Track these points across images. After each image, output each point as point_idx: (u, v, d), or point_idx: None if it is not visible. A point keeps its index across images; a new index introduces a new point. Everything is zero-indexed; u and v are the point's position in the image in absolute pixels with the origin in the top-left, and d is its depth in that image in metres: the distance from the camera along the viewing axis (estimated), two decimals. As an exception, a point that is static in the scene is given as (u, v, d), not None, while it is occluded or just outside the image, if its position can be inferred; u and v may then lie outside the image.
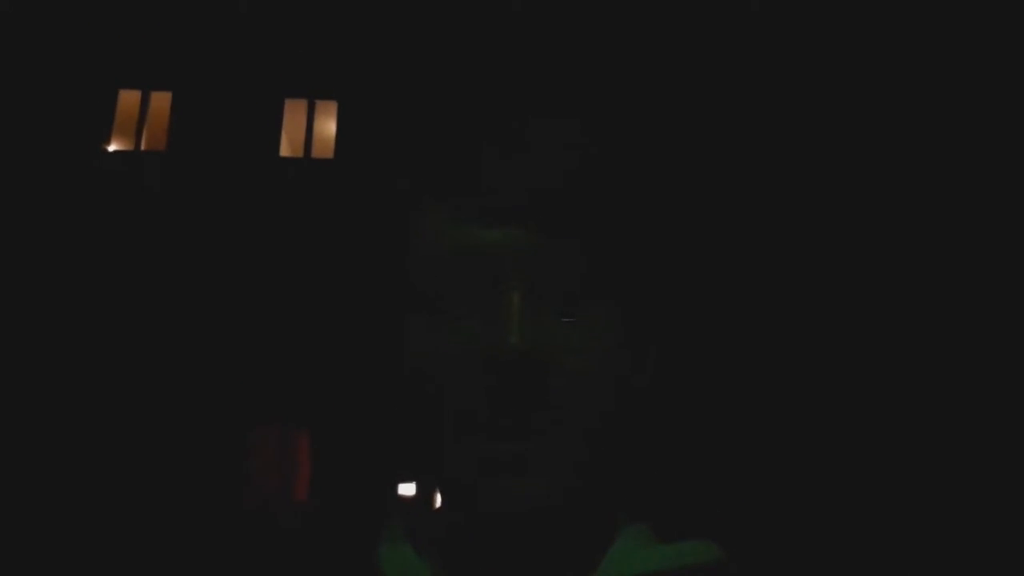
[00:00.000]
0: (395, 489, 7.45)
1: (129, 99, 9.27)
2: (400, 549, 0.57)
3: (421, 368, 0.52)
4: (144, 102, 9.30)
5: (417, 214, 0.55)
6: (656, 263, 0.57)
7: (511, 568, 0.52)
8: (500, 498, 0.49)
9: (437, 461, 0.52)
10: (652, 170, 0.58)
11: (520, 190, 0.51)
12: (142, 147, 9.26)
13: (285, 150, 9.34)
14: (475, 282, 0.51)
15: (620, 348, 0.53)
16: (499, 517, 0.50)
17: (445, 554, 0.55)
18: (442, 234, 0.52)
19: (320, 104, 9.33)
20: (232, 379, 8.19)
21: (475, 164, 0.53)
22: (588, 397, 0.51)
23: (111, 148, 9.19)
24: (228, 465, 8.02)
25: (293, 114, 9.30)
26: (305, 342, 8.18)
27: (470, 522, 0.52)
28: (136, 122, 9.25)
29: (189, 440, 7.96)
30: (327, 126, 9.35)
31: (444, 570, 0.55)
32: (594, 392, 0.51)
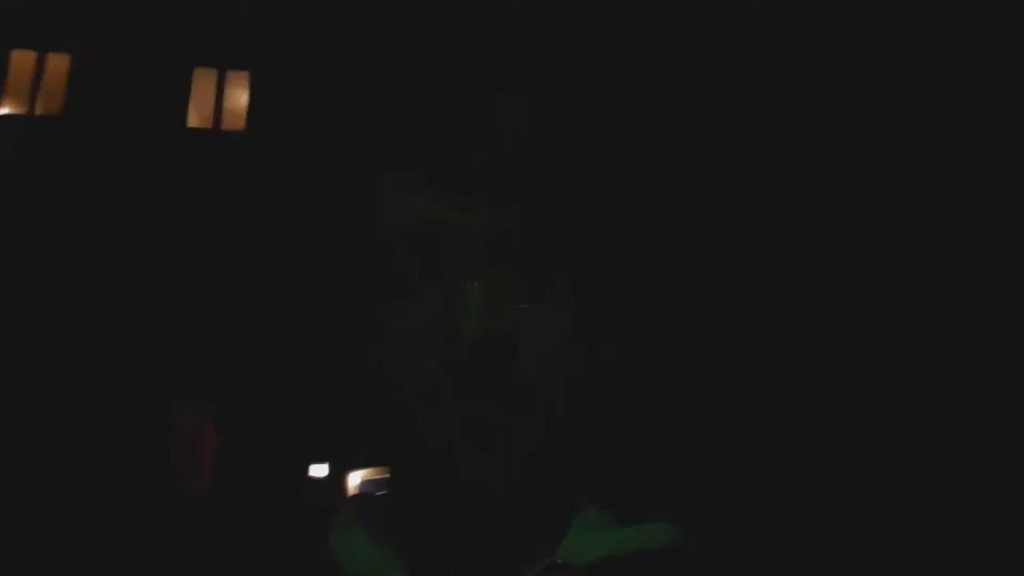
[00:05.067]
0: (307, 470, 7.35)
1: (23, 60, 8.79)
2: (352, 533, 0.56)
3: (382, 353, 0.51)
4: (40, 64, 8.83)
5: (383, 195, 0.53)
6: (616, 242, 0.57)
7: (465, 550, 0.52)
8: (463, 469, 0.49)
9: (396, 438, 0.51)
10: (639, 158, 0.57)
11: (476, 168, 0.50)
12: (36, 111, 8.81)
13: (193, 120, 9.02)
14: (436, 268, 0.50)
15: (581, 326, 0.52)
16: (454, 498, 0.50)
17: (398, 538, 0.54)
18: (405, 216, 0.51)
19: (231, 74, 9.04)
20: (141, 357, 7.92)
21: (432, 143, 0.51)
22: (551, 375, 0.51)
23: (1, 111, 8.71)
24: (142, 442, 7.76)
25: (202, 84, 8.98)
26: (214, 320, 7.95)
27: (424, 504, 0.52)
28: (30, 85, 8.79)
29: (99, 417, 7.67)
30: (239, 97, 9.07)
31: (397, 553, 0.54)
32: (556, 370, 0.51)
